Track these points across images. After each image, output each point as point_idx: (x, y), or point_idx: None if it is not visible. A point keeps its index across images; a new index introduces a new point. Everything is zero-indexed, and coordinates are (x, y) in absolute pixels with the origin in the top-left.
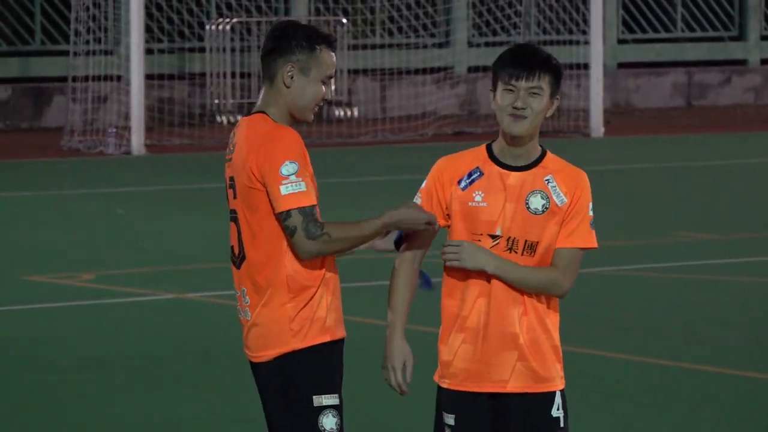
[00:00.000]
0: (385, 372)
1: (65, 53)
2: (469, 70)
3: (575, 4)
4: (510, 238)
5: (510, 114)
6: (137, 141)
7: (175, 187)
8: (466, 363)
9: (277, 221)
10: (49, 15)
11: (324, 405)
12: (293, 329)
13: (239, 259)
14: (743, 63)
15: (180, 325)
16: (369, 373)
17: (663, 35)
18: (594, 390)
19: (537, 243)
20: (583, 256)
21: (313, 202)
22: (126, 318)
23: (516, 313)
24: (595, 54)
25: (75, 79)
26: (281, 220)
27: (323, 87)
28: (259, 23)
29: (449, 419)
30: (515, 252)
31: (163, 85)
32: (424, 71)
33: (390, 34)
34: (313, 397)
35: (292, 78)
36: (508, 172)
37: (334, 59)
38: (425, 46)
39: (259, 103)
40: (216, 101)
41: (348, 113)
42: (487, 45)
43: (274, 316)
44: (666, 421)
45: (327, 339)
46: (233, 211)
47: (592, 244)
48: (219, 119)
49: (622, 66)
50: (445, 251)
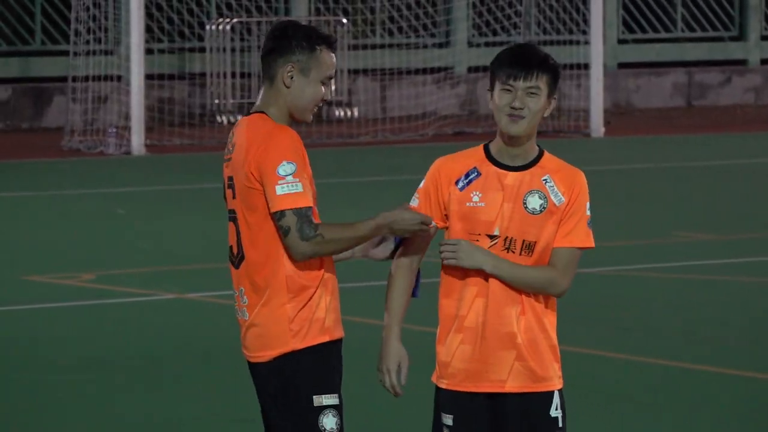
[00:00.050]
0: (380, 374)
1: (65, 53)
2: (470, 70)
3: (575, 4)
4: (508, 238)
5: (508, 114)
6: (137, 141)
7: (176, 187)
8: (464, 363)
9: (272, 221)
10: (50, 15)
11: (324, 405)
12: (293, 329)
13: (238, 259)
14: (743, 63)
15: (180, 325)
16: (367, 373)
17: (663, 35)
18: (594, 390)
19: (535, 243)
20: (581, 255)
21: (309, 203)
22: (126, 318)
23: (514, 313)
24: (596, 54)
25: (75, 79)
26: (275, 219)
27: (323, 88)
28: (260, 23)
29: (447, 419)
30: (513, 252)
31: (164, 85)
32: (424, 71)
33: (390, 34)
34: (313, 397)
35: (292, 78)
36: (505, 172)
37: (334, 60)
38: (425, 46)
39: (259, 103)
40: (216, 101)
41: (348, 113)
42: (487, 45)
43: (273, 316)
44: (666, 421)
45: (326, 339)
46: (232, 211)
47: (589, 243)
48: (219, 119)
49: (622, 66)
50: (443, 250)
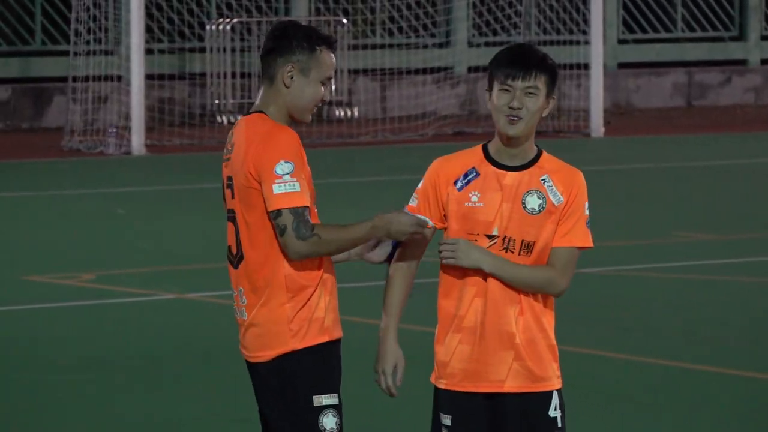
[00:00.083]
0: (377, 375)
1: (66, 53)
2: (470, 70)
3: (575, 4)
4: (506, 237)
5: (506, 115)
6: (137, 141)
7: (176, 187)
8: (463, 363)
9: (269, 220)
10: (50, 15)
11: (324, 405)
12: (292, 329)
13: (237, 259)
14: (743, 63)
15: (180, 325)
16: (367, 373)
17: (663, 35)
18: (594, 390)
19: (534, 243)
20: (580, 255)
21: (306, 203)
22: (126, 318)
23: (513, 313)
24: (596, 54)
25: (75, 79)
26: (272, 218)
27: (322, 88)
28: (260, 23)
29: (446, 420)
30: (512, 252)
31: (164, 85)
32: (424, 71)
33: (390, 34)
34: (313, 397)
35: (291, 78)
36: (504, 172)
37: (333, 61)
38: (425, 46)
39: (258, 103)
40: (216, 101)
41: (348, 113)
42: (488, 45)
43: (272, 316)
44: (666, 421)
45: (325, 339)
46: (231, 211)
47: (588, 243)
48: (219, 119)
49: (622, 66)
50: (442, 249)
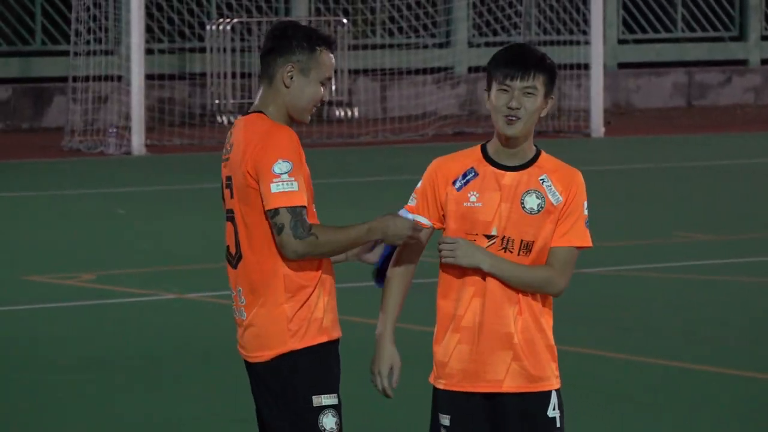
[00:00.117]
0: (373, 376)
1: (66, 53)
2: (470, 70)
3: (575, 4)
4: (505, 237)
5: (505, 115)
6: (138, 141)
7: (176, 187)
8: (461, 363)
9: (267, 219)
10: (50, 15)
11: (324, 405)
12: (291, 329)
13: (236, 259)
14: (744, 63)
15: (180, 325)
16: (366, 374)
17: (663, 35)
18: (594, 390)
19: (533, 243)
20: (579, 255)
21: (304, 202)
22: (126, 318)
23: (511, 313)
24: (596, 54)
25: (75, 79)
26: (269, 217)
27: (322, 88)
28: (260, 23)
29: (445, 420)
30: (511, 252)
31: (164, 85)
32: (424, 71)
33: (390, 34)
34: (313, 398)
35: (291, 78)
36: (503, 172)
37: (333, 61)
38: (426, 46)
39: (257, 103)
40: (216, 101)
41: (348, 113)
42: (488, 45)
43: (271, 316)
44: (666, 421)
45: (324, 339)
46: (230, 211)
47: (587, 243)
48: (219, 119)
49: (622, 66)
50: (441, 249)
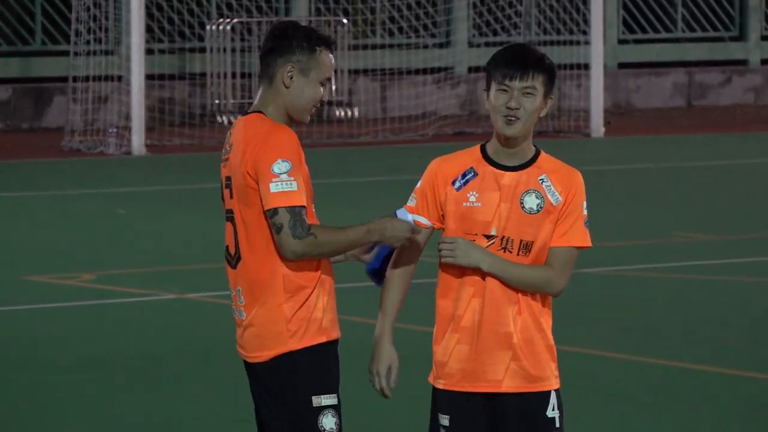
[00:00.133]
0: (371, 376)
1: (66, 53)
2: (470, 70)
3: (576, 4)
4: (505, 237)
5: (504, 115)
6: (138, 141)
7: (176, 187)
8: (461, 363)
9: (266, 219)
10: (50, 15)
11: (323, 405)
12: (290, 330)
13: (235, 259)
14: (744, 63)
15: (180, 325)
16: (365, 373)
17: (663, 35)
18: (594, 390)
19: (532, 243)
20: (578, 255)
21: (303, 202)
22: (126, 318)
23: (511, 313)
24: (596, 54)
25: (75, 79)
26: (268, 217)
27: (321, 88)
28: (260, 23)
29: (444, 420)
30: (510, 252)
31: (164, 85)
32: (424, 71)
33: (390, 34)
34: (312, 398)
35: (291, 78)
36: (502, 172)
37: (332, 61)
38: (426, 46)
39: (257, 103)
40: (216, 101)
41: (348, 113)
42: (488, 45)
43: (270, 316)
44: (666, 421)
45: (323, 339)
46: (229, 211)
47: (586, 243)
48: (219, 119)
49: (622, 66)
50: (441, 248)
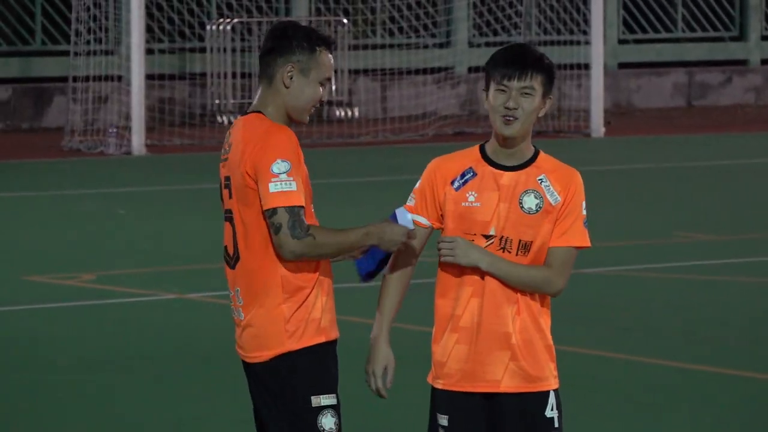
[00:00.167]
0: (367, 376)
1: (66, 53)
2: (470, 70)
3: (576, 4)
4: (503, 237)
5: (502, 115)
6: (138, 141)
7: (176, 188)
8: (460, 363)
9: (264, 219)
10: (50, 15)
11: (322, 405)
12: (289, 330)
13: (234, 259)
14: (744, 63)
15: (181, 326)
16: (364, 374)
17: (664, 35)
18: (594, 390)
19: (531, 243)
20: (577, 255)
21: (302, 203)
22: (126, 318)
23: (510, 313)
24: (596, 54)
25: (76, 79)
26: (267, 217)
27: (321, 89)
28: (260, 23)
29: (443, 420)
30: (509, 252)
31: (164, 85)
32: (424, 71)
33: (391, 34)
34: (311, 398)
35: (291, 78)
36: (501, 172)
37: (332, 61)
38: (426, 46)
39: (256, 103)
40: (217, 101)
41: (348, 113)
42: (488, 45)
43: (269, 317)
44: (666, 421)
45: (322, 340)
46: (228, 211)
47: (585, 243)
48: (220, 119)
49: (622, 66)
50: (440, 247)
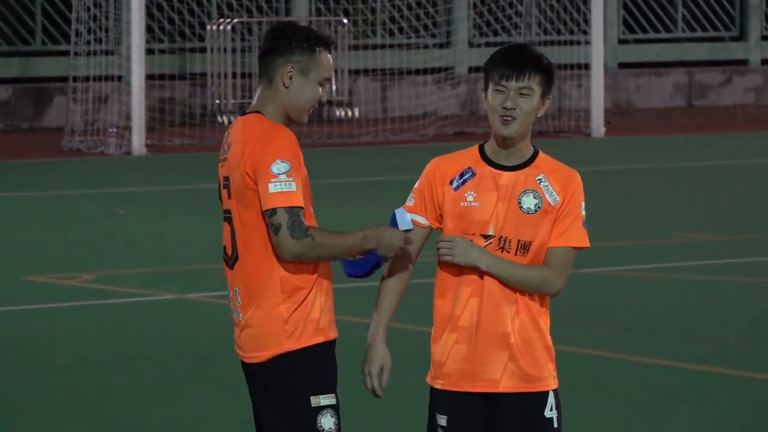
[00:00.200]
0: (363, 375)
1: (66, 53)
2: (470, 70)
3: (576, 4)
4: (502, 237)
5: (500, 115)
6: (138, 141)
7: (176, 188)
8: (459, 363)
9: (264, 219)
10: (50, 15)
11: (322, 405)
12: (287, 330)
13: (232, 260)
14: (744, 63)
15: (181, 326)
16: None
17: (664, 35)
18: (594, 390)
19: (530, 243)
20: (576, 255)
21: (301, 203)
22: (126, 318)
23: (509, 313)
24: (596, 54)
25: (76, 80)
26: (267, 217)
27: (320, 89)
28: (260, 23)
29: (442, 420)
30: (508, 252)
31: (164, 85)
32: (425, 71)
33: (391, 34)
34: (311, 398)
35: (291, 79)
36: (500, 171)
37: (331, 62)
38: (426, 46)
39: (255, 103)
40: (217, 101)
41: (349, 113)
42: (488, 45)
43: (267, 317)
44: (666, 421)
45: (321, 340)
46: (227, 211)
47: (584, 243)
48: (220, 119)
49: (622, 66)
50: (439, 246)
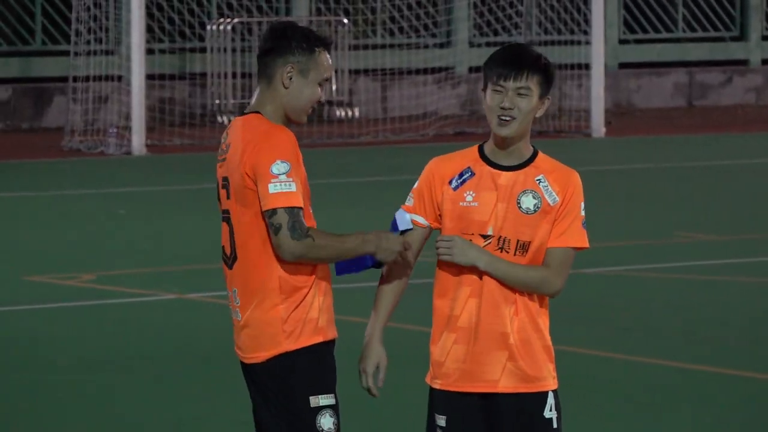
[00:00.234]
0: (359, 374)
1: (66, 53)
2: (470, 70)
3: (576, 4)
4: (501, 237)
5: (499, 115)
6: (138, 141)
7: (176, 188)
8: (458, 363)
9: (263, 220)
10: (50, 15)
11: (321, 405)
12: (286, 330)
13: (231, 260)
14: (744, 63)
15: (181, 326)
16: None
17: (664, 35)
18: (594, 390)
19: (529, 243)
20: (575, 255)
21: (301, 204)
22: (126, 318)
23: (508, 313)
24: (597, 54)
25: (76, 79)
26: (267, 217)
27: (319, 89)
28: (260, 23)
29: (441, 420)
30: (507, 252)
31: (164, 85)
32: (425, 71)
33: (391, 34)
34: (310, 398)
35: (290, 79)
36: (499, 171)
37: (330, 62)
38: (426, 46)
39: (254, 103)
40: (217, 101)
41: (349, 113)
42: (489, 45)
43: (266, 317)
44: (666, 421)
45: (320, 340)
46: (226, 212)
47: (584, 243)
48: (220, 119)
49: (623, 66)
50: (438, 246)
